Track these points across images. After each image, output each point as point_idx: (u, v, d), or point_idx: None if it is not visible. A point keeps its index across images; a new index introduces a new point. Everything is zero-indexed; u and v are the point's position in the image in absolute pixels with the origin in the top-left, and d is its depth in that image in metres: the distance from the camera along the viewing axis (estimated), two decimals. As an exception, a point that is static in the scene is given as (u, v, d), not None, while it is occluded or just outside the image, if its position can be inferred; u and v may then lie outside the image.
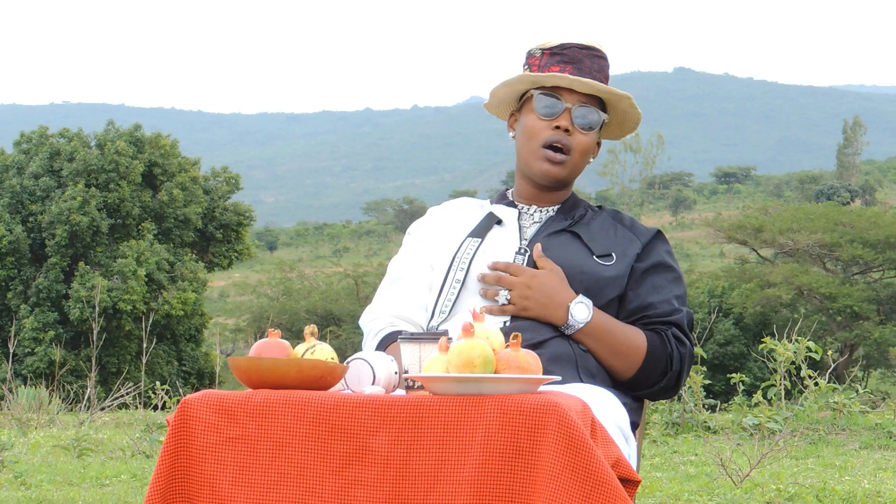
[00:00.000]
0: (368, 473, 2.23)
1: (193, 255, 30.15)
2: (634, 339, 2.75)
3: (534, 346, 2.66)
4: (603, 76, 2.89)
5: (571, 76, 2.83)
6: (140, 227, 29.51)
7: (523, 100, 2.92)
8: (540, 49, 2.90)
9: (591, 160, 2.95)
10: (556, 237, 2.86)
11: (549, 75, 2.84)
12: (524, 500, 2.16)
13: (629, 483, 2.27)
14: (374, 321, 2.88)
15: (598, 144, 2.97)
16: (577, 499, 2.11)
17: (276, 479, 2.27)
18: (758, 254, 38.58)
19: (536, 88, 2.87)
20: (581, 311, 2.72)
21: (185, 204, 30.07)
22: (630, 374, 2.76)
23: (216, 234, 31.18)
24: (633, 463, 2.68)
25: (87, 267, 27.99)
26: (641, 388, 2.79)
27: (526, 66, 2.91)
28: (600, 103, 2.90)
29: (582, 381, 2.68)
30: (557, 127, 2.85)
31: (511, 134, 2.96)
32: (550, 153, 2.85)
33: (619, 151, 72.48)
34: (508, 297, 2.75)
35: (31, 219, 28.68)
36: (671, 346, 2.77)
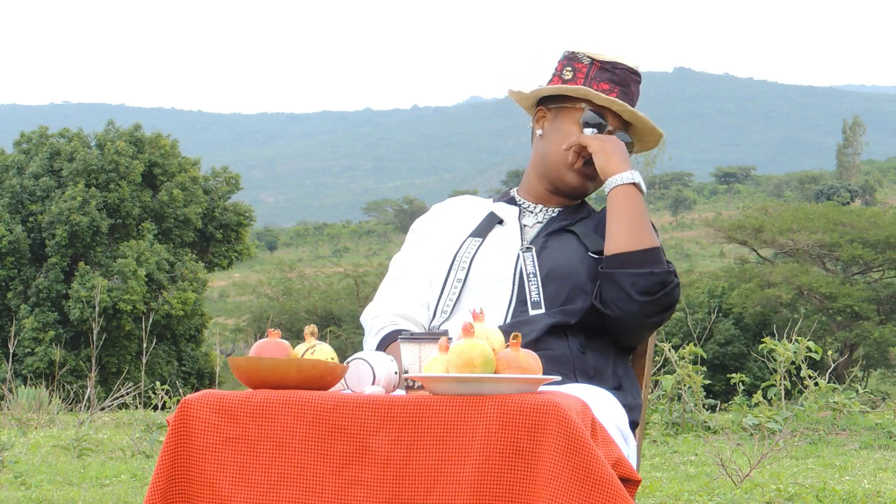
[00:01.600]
0: (368, 473, 2.23)
1: (193, 255, 30.15)
2: (651, 229, 2.78)
3: (532, 347, 2.66)
4: (636, 102, 2.95)
5: (631, 109, 2.88)
6: (140, 227, 29.50)
7: (562, 105, 2.91)
8: (590, 58, 2.90)
9: None
10: (555, 237, 2.87)
11: (611, 100, 2.86)
12: (524, 500, 2.16)
13: (629, 483, 2.27)
14: (375, 319, 2.87)
15: None
16: (577, 499, 2.11)
17: (276, 479, 2.27)
18: (758, 254, 38.57)
19: (587, 101, 2.88)
20: (638, 174, 2.81)
21: (185, 204, 30.06)
22: (640, 248, 2.72)
23: (216, 234, 31.17)
24: (633, 463, 2.68)
25: (87, 267, 27.99)
26: (646, 265, 2.71)
27: (570, 69, 2.91)
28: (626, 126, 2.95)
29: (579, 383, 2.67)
30: None
31: (538, 131, 2.94)
32: (587, 170, 2.88)
33: (619, 151, 72.30)
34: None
35: (31, 219, 28.68)
36: (671, 266, 2.75)
